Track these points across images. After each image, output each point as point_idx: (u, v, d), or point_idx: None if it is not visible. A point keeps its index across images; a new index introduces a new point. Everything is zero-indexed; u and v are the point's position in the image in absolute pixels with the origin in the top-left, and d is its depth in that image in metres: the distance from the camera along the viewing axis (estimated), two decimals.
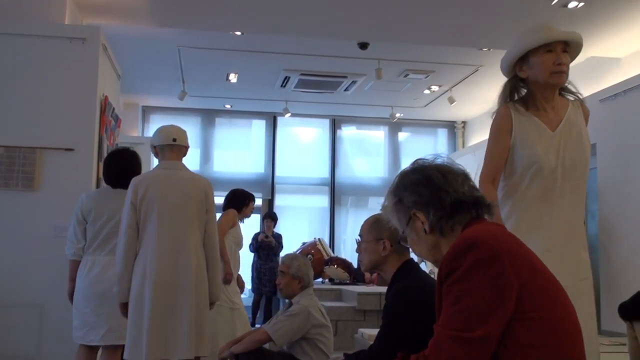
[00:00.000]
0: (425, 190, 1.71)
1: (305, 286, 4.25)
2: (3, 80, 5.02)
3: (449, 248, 1.58)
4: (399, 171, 1.83)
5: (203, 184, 3.82)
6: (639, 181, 6.21)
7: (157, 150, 3.87)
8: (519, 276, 1.47)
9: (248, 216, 5.83)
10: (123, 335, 3.69)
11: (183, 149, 3.90)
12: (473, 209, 1.69)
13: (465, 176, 1.73)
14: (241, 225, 5.72)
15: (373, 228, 2.79)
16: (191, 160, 10.47)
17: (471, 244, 1.52)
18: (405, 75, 8.19)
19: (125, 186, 3.87)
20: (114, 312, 3.75)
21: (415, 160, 1.81)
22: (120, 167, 4.07)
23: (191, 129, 10.67)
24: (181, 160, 3.88)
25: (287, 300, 4.36)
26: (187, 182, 3.77)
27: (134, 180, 3.75)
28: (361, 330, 6.55)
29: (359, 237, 2.86)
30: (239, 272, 5.65)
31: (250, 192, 10.67)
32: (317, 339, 4.12)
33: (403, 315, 2.54)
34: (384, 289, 8.47)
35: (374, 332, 6.26)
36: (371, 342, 5.90)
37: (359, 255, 2.86)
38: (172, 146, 3.83)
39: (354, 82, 8.55)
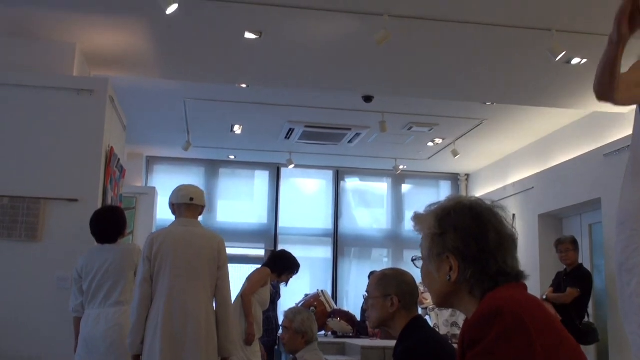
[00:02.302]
0: (475, 247, 1.60)
1: (309, 341, 4.18)
2: (10, 131, 5.05)
3: (475, 314, 1.54)
4: (454, 199, 1.70)
5: (216, 241, 3.97)
6: None
7: (175, 207, 4.07)
8: (544, 347, 1.43)
9: (284, 282, 5.74)
10: None
11: (199, 208, 4.09)
12: (513, 280, 1.63)
13: (515, 245, 1.67)
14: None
15: (380, 284, 2.75)
16: None
17: (497, 312, 1.47)
18: (409, 128, 8.24)
19: (110, 240, 4.28)
20: None
21: (476, 200, 1.71)
22: (103, 225, 4.32)
23: (194, 179, 10.70)
24: (197, 218, 4.06)
25: (290, 356, 4.29)
26: (200, 239, 3.93)
27: (151, 235, 3.99)
28: None
29: (366, 293, 2.82)
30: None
31: (253, 242, 10.65)
32: None
33: None
34: (387, 343, 8.40)
35: None
36: None
37: (365, 311, 2.81)
38: (189, 205, 4.03)
39: (357, 135, 8.59)
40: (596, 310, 6.90)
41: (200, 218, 4.19)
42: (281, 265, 5.62)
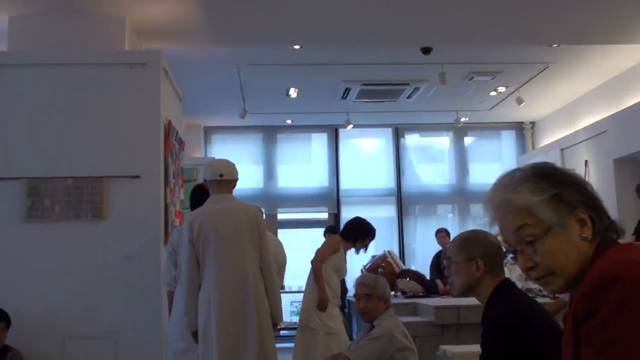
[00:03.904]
0: (589, 194, 1.45)
1: (388, 306, 4.04)
2: (67, 111, 4.99)
3: (587, 282, 1.33)
4: (542, 163, 1.54)
5: (253, 212, 4.04)
6: None
7: (207, 184, 4.10)
8: None
9: (360, 249, 5.59)
10: None
11: (231, 182, 4.09)
12: (615, 233, 1.46)
13: None
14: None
15: (463, 247, 2.55)
16: (255, 178, 10.47)
17: (614, 278, 1.27)
18: (470, 78, 7.91)
19: None
20: None
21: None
22: (200, 198, 4.28)
23: (253, 146, 10.67)
24: (230, 192, 4.07)
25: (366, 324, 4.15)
26: (237, 213, 3.98)
27: (189, 218, 4.05)
28: (443, 347, 6.26)
29: (446, 260, 2.63)
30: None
31: (316, 206, 10.56)
32: None
33: (505, 343, 2.29)
34: (461, 302, 8.20)
35: (458, 349, 5.99)
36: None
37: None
38: (219, 181, 4.04)
39: (416, 89, 8.31)
40: None
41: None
42: (354, 232, 5.46)
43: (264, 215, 4.25)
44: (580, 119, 8.90)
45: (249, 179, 9.88)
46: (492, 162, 11.10)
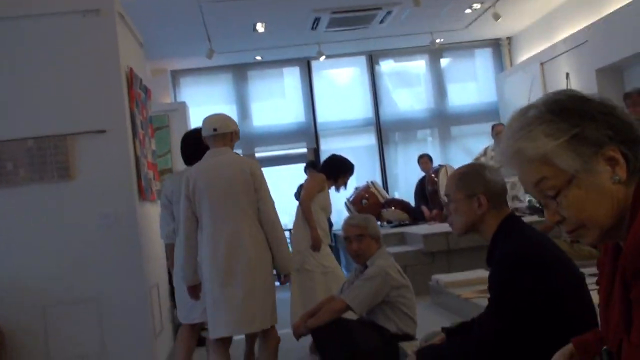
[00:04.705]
0: (620, 123, 1.21)
1: (380, 245, 3.87)
2: (20, 67, 4.62)
3: (632, 233, 1.12)
4: (558, 93, 1.28)
5: (248, 165, 3.92)
6: None
7: (206, 140, 3.99)
8: None
9: (340, 187, 5.51)
10: None
11: (227, 135, 3.97)
12: None
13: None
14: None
15: (462, 183, 2.33)
16: None
17: None
18: None
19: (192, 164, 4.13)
20: None
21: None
22: (190, 147, 4.31)
23: (224, 86, 10.36)
24: (228, 145, 3.98)
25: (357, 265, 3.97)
26: (231, 168, 3.89)
27: (186, 173, 3.97)
28: (435, 277, 6.18)
29: (445, 198, 2.41)
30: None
31: (294, 142, 10.39)
32: (398, 301, 3.75)
33: (516, 283, 2.10)
34: (448, 227, 8.12)
35: (450, 278, 5.89)
36: (448, 290, 5.55)
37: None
38: (214, 136, 3.93)
39: (389, 13, 7.97)
40: None
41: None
42: (334, 170, 5.37)
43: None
44: (559, 31, 8.62)
45: None
46: (470, 82, 10.87)
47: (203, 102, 9.80)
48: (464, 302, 4.92)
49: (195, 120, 8.10)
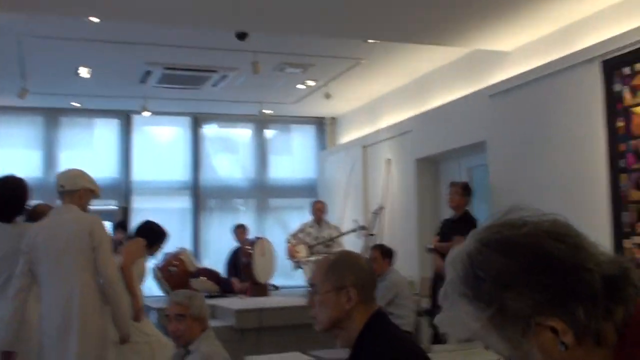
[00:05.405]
0: (550, 278, 0.95)
1: (205, 328, 3.50)
2: None
3: None
4: (461, 254, 1.02)
5: (88, 222, 3.87)
6: (529, 179, 6.00)
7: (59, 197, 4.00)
8: None
9: (152, 255, 5.42)
10: None
11: (76, 193, 3.92)
12: (629, 285, 0.97)
13: (585, 235, 1.06)
14: None
15: (332, 273, 2.10)
16: (33, 165, 9.27)
17: None
18: (282, 69, 7.54)
19: (7, 219, 4.02)
20: None
21: (488, 226, 1.04)
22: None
23: (31, 130, 9.52)
24: (77, 203, 3.92)
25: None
26: (70, 225, 3.84)
27: (29, 228, 3.92)
28: (249, 358, 5.83)
29: (310, 288, 2.16)
30: None
31: (103, 197, 9.74)
32: None
33: None
34: (262, 303, 7.84)
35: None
36: None
37: (312, 310, 2.13)
38: (61, 193, 3.92)
39: (224, 77, 7.77)
40: None
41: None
42: (153, 236, 5.14)
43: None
44: (383, 117, 8.95)
45: (25, 166, 8.69)
46: (292, 156, 10.92)
47: (7, 145, 8.95)
48: None
49: None
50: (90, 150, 9.87)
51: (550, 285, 0.94)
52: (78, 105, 9.17)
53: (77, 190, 3.91)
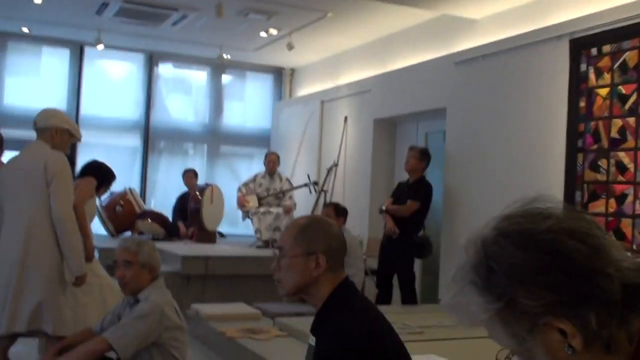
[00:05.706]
0: (565, 280, 0.90)
1: (155, 277, 3.40)
2: None
3: None
4: (476, 240, 0.98)
5: (43, 158, 3.83)
6: (486, 149, 6.02)
7: None
8: None
9: (101, 195, 5.43)
10: None
11: (47, 131, 3.93)
12: None
13: (611, 236, 1.01)
14: None
15: (302, 237, 2.03)
16: None
17: None
18: (246, 14, 7.30)
19: None
20: None
21: (508, 214, 0.98)
22: None
23: None
24: (49, 140, 3.93)
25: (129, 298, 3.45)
26: (27, 161, 3.88)
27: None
28: (195, 306, 5.76)
29: (277, 250, 2.09)
30: None
31: None
32: (170, 344, 3.29)
33: None
34: (208, 250, 7.76)
35: (212, 309, 5.53)
36: (210, 324, 5.19)
37: (278, 274, 2.06)
38: (36, 130, 3.97)
39: (184, 17, 7.50)
40: (431, 223, 6.76)
41: None
42: (102, 176, 4.89)
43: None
44: (344, 74, 8.83)
45: None
46: (248, 104, 10.72)
47: None
48: (227, 340, 4.60)
49: None
50: (37, 79, 9.48)
51: (565, 287, 0.91)
52: (27, 30, 8.75)
53: (48, 128, 3.92)
